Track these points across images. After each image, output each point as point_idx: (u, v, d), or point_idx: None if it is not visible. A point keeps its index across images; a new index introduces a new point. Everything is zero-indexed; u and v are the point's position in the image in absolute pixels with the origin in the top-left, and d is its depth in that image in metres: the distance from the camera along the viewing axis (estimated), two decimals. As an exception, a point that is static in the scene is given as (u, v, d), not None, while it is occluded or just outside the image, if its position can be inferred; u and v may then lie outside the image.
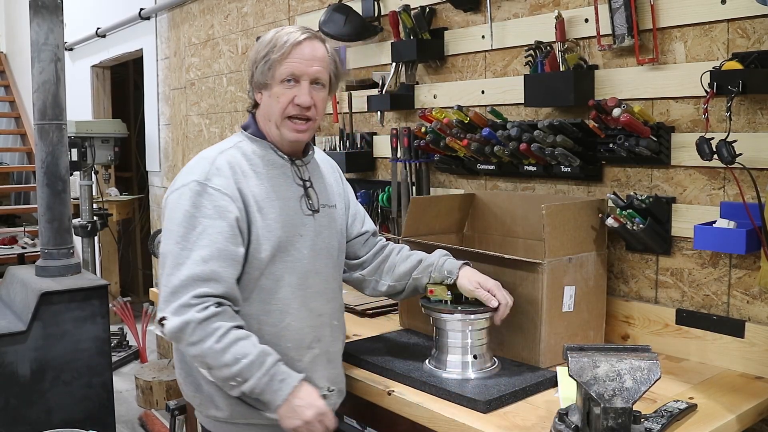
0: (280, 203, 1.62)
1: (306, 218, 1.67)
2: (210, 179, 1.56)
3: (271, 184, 1.63)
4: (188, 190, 1.55)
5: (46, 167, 3.10)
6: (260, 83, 1.63)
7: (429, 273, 1.79)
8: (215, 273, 1.51)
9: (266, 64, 1.60)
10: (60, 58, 3.12)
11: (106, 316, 3.05)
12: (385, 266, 1.87)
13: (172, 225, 1.55)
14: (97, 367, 3.03)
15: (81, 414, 2.97)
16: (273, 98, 1.62)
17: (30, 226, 6.59)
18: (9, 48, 8.32)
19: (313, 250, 1.67)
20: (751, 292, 1.77)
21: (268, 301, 1.60)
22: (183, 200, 1.55)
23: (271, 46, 1.60)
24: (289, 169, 1.68)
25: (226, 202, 1.54)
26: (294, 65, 1.59)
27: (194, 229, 1.52)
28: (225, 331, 1.48)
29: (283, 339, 1.61)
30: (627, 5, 1.90)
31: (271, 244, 1.59)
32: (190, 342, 1.48)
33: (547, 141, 2.03)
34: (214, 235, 1.52)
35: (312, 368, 1.65)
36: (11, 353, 2.82)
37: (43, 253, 3.17)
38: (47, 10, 3.08)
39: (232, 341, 1.48)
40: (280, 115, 1.62)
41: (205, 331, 1.47)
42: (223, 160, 1.60)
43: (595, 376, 1.25)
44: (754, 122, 1.73)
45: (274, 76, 1.60)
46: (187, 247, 1.51)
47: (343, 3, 2.82)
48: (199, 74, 4.27)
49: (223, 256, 1.52)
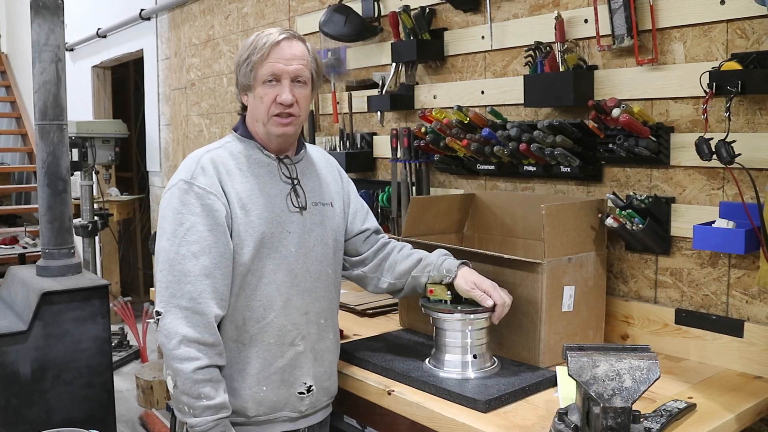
0: (264, 200, 1.66)
1: (293, 215, 1.69)
2: (195, 178, 1.61)
3: (256, 181, 1.67)
4: (177, 189, 1.62)
5: (46, 167, 3.11)
6: (244, 85, 1.69)
7: (428, 272, 1.80)
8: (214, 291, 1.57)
9: (248, 66, 1.66)
10: (61, 58, 3.13)
11: (106, 315, 3.05)
12: (386, 264, 1.88)
13: (164, 222, 1.62)
14: (98, 366, 3.03)
15: (81, 414, 2.98)
16: (257, 99, 1.67)
17: (31, 226, 6.60)
18: (10, 48, 8.33)
19: (301, 248, 1.69)
20: (750, 291, 1.78)
21: (251, 296, 1.64)
22: (172, 199, 1.62)
23: (251, 48, 1.65)
24: (275, 167, 1.71)
25: (211, 200, 1.60)
26: (273, 65, 1.64)
27: (182, 224, 1.58)
28: (206, 365, 1.54)
29: (266, 335, 1.65)
30: (626, 6, 1.90)
31: (253, 240, 1.62)
32: (174, 355, 1.54)
33: (547, 141, 2.03)
34: (204, 232, 1.58)
35: (295, 365, 1.68)
36: (12, 353, 2.82)
37: (44, 253, 3.17)
38: (48, 11, 3.08)
39: (206, 379, 1.54)
40: (265, 115, 1.66)
41: (189, 353, 1.53)
42: (208, 159, 1.65)
43: (594, 375, 1.25)
44: (753, 122, 1.73)
45: (255, 77, 1.65)
46: (175, 243, 1.57)
47: (343, 3, 2.82)
48: (199, 74, 4.27)
49: (213, 252, 1.58)
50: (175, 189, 1.62)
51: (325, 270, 1.75)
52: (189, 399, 1.53)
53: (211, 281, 1.57)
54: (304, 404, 1.70)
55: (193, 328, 1.54)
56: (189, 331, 1.53)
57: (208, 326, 1.56)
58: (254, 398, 1.64)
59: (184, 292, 1.55)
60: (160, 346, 1.58)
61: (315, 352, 1.72)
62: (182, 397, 1.54)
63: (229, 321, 1.63)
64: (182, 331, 1.53)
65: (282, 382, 1.67)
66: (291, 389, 1.68)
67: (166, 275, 1.57)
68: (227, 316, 1.63)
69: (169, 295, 1.56)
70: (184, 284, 1.55)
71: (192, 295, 1.55)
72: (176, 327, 1.54)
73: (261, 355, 1.65)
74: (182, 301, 1.55)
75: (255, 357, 1.64)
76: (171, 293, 1.56)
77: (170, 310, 1.55)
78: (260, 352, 1.65)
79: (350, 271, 1.91)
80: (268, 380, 1.65)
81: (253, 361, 1.64)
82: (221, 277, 1.59)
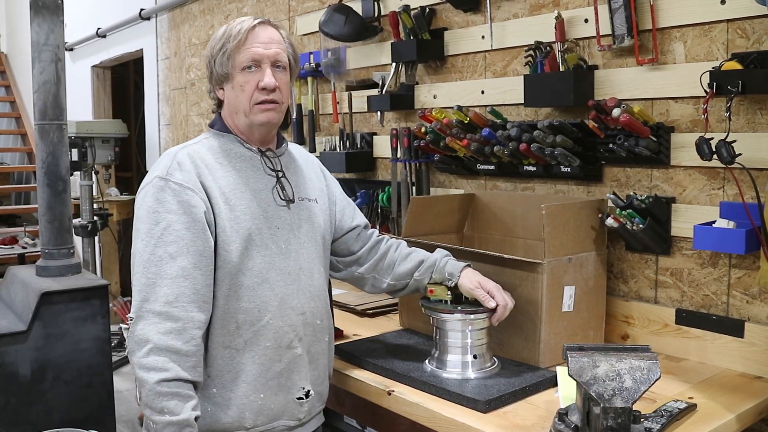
0: (250, 194, 1.59)
1: (280, 209, 1.63)
2: (171, 174, 1.53)
3: (240, 175, 1.60)
4: (151, 187, 1.53)
5: (46, 167, 3.10)
6: (221, 76, 1.61)
7: (430, 273, 1.78)
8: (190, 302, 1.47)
9: (224, 55, 1.58)
10: (60, 58, 3.12)
11: (106, 315, 3.05)
12: (384, 263, 1.83)
13: (138, 223, 1.53)
14: (98, 366, 3.02)
15: (81, 414, 2.97)
16: (237, 89, 1.60)
17: (30, 226, 6.60)
18: (9, 48, 8.33)
19: (292, 244, 1.62)
20: (750, 291, 1.78)
21: (243, 298, 1.55)
22: (147, 198, 1.53)
23: (226, 37, 1.59)
24: (258, 160, 1.64)
25: (188, 196, 1.51)
26: (253, 50, 1.58)
27: (157, 224, 1.49)
28: (173, 377, 1.44)
29: (262, 338, 1.57)
30: (626, 5, 1.90)
31: (240, 236, 1.55)
32: (141, 363, 1.45)
33: (547, 141, 2.03)
34: (181, 231, 1.49)
35: (292, 369, 1.61)
36: (11, 353, 2.82)
37: (44, 253, 3.17)
38: (48, 11, 3.08)
39: (172, 393, 1.44)
40: (247, 103, 1.60)
41: (156, 363, 1.43)
42: (184, 154, 1.57)
43: (594, 375, 1.25)
44: (754, 122, 1.73)
45: (234, 65, 1.58)
46: (151, 243, 1.48)
47: (343, 3, 2.82)
48: (199, 74, 4.27)
49: (191, 251, 1.49)
50: (150, 187, 1.53)
51: (318, 268, 1.70)
52: (151, 413, 1.43)
53: (190, 282, 1.47)
54: (302, 411, 1.63)
55: (166, 335, 1.43)
56: (160, 339, 1.43)
57: (182, 333, 1.45)
58: (251, 407, 1.56)
59: (159, 296, 1.45)
60: (128, 354, 1.48)
61: (310, 355, 1.65)
62: (145, 409, 1.44)
63: (219, 326, 1.54)
64: (153, 338, 1.43)
65: (280, 388, 1.59)
66: (289, 395, 1.61)
67: (140, 278, 1.48)
68: (216, 321, 1.54)
69: (142, 299, 1.46)
70: (159, 287, 1.45)
71: (167, 299, 1.45)
72: (147, 333, 1.44)
73: (257, 360, 1.56)
74: (156, 305, 1.45)
75: (251, 362, 1.56)
76: (143, 297, 1.46)
77: (143, 315, 1.45)
78: (256, 357, 1.56)
79: (343, 271, 1.85)
80: (265, 387, 1.57)
81: (249, 367, 1.56)
82: (201, 278, 1.49)
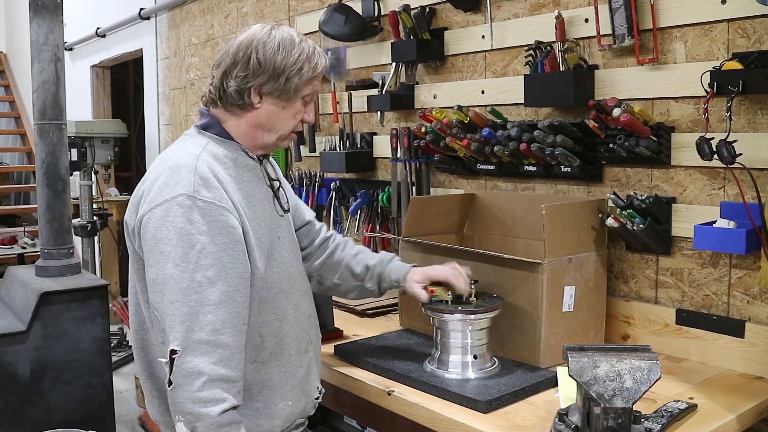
0: (258, 207, 1.54)
1: (280, 219, 1.61)
2: (198, 191, 1.39)
3: (247, 188, 1.52)
4: (177, 205, 1.38)
5: (46, 167, 3.10)
6: (280, 89, 1.50)
7: (378, 283, 1.79)
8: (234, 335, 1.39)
9: (300, 77, 1.51)
10: (60, 58, 3.12)
11: (106, 316, 3.05)
12: (332, 261, 1.82)
13: (164, 246, 1.37)
14: (97, 367, 3.02)
15: (81, 414, 2.97)
16: (288, 112, 1.54)
17: (30, 226, 6.59)
18: (9, 48, 8.32)
19: (292, 251, 1.63)
20: (751, 292, 1.77)
21: (265, 310, 1.52)
22: (173, 218, 1.37)
23: (306, 60, 1.51)
24: (259, 170, 1.59)
25: (224, 216, 1.41)
26: (317, 87, 1.58)
27: (192, 247, 1.36)
28: (231, 406, 1.37)
29: (286, 347, 1.56)
30: (627, 5, 1.90)
31: (263, 251, 1.50)
32: (196, 398, 1.34)
33: (547, 141, 2.03)
34: (217, 253, 1.38)
35: (309, 371, 1.63)
36: (11, 353, 2.81)
37: (43, 253, 3.17)
38: (47, 10, 3.07)
39: (231, 422, 1.37)
40: (290, 131, 1.58)
41: (214, 395, 1.34)
42: (204, 167, 1.44)
43: (595, 376, 1.25)
44: (754, 122, 1.73)
45: (298, 90, 1.52)
46: (189, 269, 1.35)
47: (343, 3, 2.81)
48: (199, 74, 4.26)
49: (230, 274, 1.39)
50: (174, 205, 1.37)
51: (305, 269, 1.73)
52: None
53: (232, 307, 1.38)
54: (313, 409, 1.67)
55: (217, 365, 1.35)
56: (213, 369, 1.34)
57: (231, 360, 1.37)
58: (281, 415, 1.55)
59: (204, 324, 1.35)
60: (174, 389, 1.35)
61: (317, 355, 1.69)
62: None
63: (246, 342, 1.46)
64: (206, 369, 1.33)
65: (302, 392, 1.60)
66: (309, 397, 1.63)
67: (179, 307, 1.35)
68: None
69: (186, 329, 1.34)
70: (203, 315, 1.35)
71: (214, 326, 1.35)
72: (198, 365, 1.33)
73: (282, 369, 1.55)
74: (202, 334, 1.34)
75: (276, 372, 1.54)
76: (188, 327, 1.34)
77: (190, 346, 1.34)
78: (281, 365, 1.55)
79: None
80: (291, 393, 1.57)
81: (275, 377, 1.54)
82: (241, 300, 1.41)
